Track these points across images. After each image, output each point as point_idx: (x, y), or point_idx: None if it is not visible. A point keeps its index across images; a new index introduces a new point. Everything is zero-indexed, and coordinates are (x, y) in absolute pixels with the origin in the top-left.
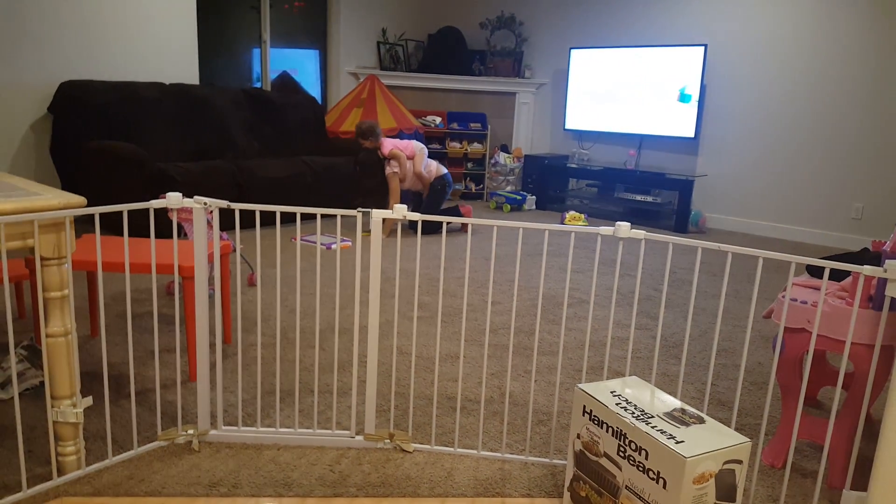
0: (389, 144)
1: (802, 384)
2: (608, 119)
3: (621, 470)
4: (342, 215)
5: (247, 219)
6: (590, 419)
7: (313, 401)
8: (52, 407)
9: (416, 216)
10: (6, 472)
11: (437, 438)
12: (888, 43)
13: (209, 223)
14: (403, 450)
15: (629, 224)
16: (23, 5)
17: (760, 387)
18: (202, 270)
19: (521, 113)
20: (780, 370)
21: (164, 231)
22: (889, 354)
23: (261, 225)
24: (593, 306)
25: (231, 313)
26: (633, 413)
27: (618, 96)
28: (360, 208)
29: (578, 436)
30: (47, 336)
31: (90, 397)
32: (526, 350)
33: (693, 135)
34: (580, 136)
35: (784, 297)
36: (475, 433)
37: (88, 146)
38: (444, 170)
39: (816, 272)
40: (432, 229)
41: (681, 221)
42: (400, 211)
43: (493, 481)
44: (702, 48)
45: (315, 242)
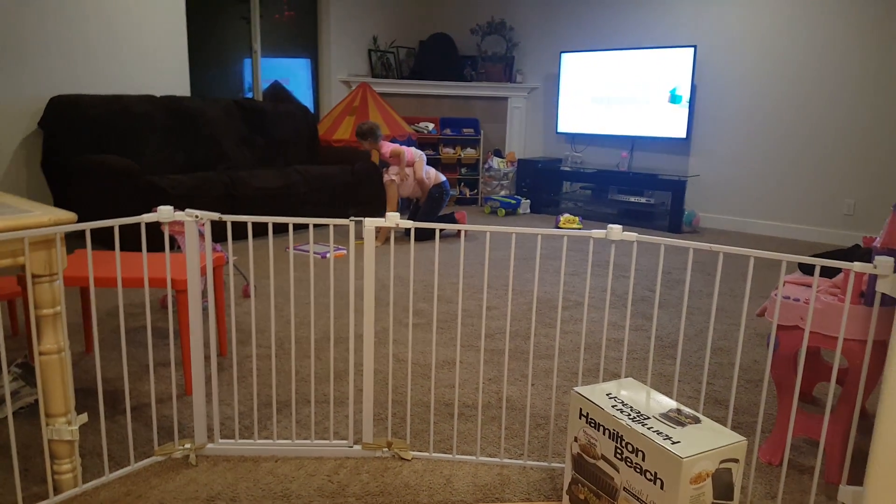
0: (389, 146)
1: (797, 381)
2: (600, 122)
3: (619, 472)
4: (335, 224)
5: (240, 230)
6: (586, 422)
7: (310, 411)
8: (47, 425)
9: (410, 224)
10: (2, 492)
11: (436, 445)
12: (877, 39)
13: (201, 235)
14: (402, 458)
15: (621, 227)
16: (10, 21)
17: (756, 385)
18: (195, 283)
19: (514, 117)
20: (775, 368)
21: (158, 244)
22: (882, 349)
23: (255, 236)
24: (588, 309)
25: (226, 325)
26: (629, 415)
27: (609, 99)
28: (352, 217)
29: (576, 439)
30: (41, 354)
31: (85, 414)
32: (522, 354)
33: (685, 135)
34: (573, 140)
35: (777, 296)
36: (473, 439)
37: (80, 161)
38: (443, 177)
39: (808, 270)
40: (427, 236)
41: (675, 222)
42: (393, 219)
43: (493, 486)
44: (691, 49)
45: (309, 252)
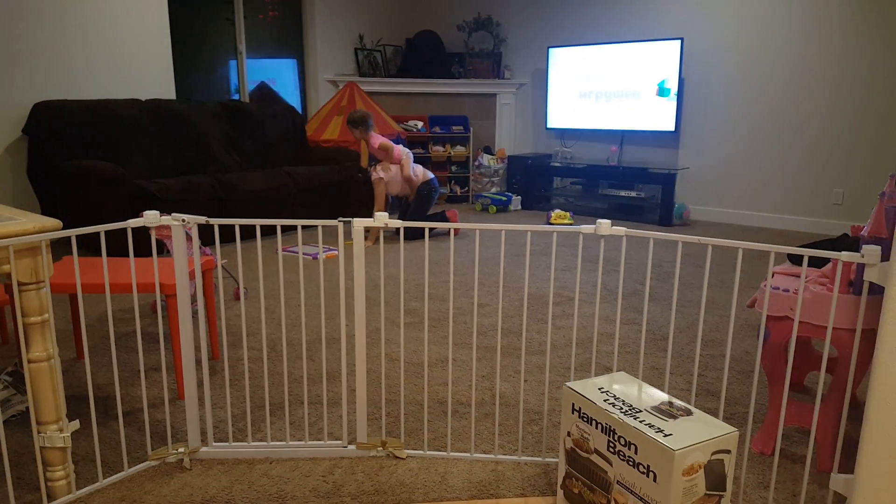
0: (379, 139)
1: (787, 371)
2: (589, 116)
3: (612, 465)
4: (324, 226)
5: (229, 233)
6: (579, 416)
7: (304, 412)
8: (39, 432)
9: (399, 223)
10: None
11: (430, 443)
12: (864, 30)
13: (189, 238)
14: (396, 456)
15: (610, 221)
16: None
17: (748, 375)
18: (184, 287)
19: (503, 114)
20: (766, 358)
21: (146, 249)
22: (871, 338)
23: (245, 238)
24: (580, 303)
25: (217, 328)
26: (621, 408)
27: (598, 93)
28: (341, 218)
29: (569, 433)
30: (30, 361)
31: (77, 421)
32: (515, 350)
33: (674, 128)
34: (562, 135)
35: (766, 286)
36: (467, 436)
37: (66, 166)
38: (431, 175)
39: (797, 260)
40: (418, 235)
41: (665, 215)
42: (381, 219)
43: (488, 483)
44: (678, 42)
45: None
